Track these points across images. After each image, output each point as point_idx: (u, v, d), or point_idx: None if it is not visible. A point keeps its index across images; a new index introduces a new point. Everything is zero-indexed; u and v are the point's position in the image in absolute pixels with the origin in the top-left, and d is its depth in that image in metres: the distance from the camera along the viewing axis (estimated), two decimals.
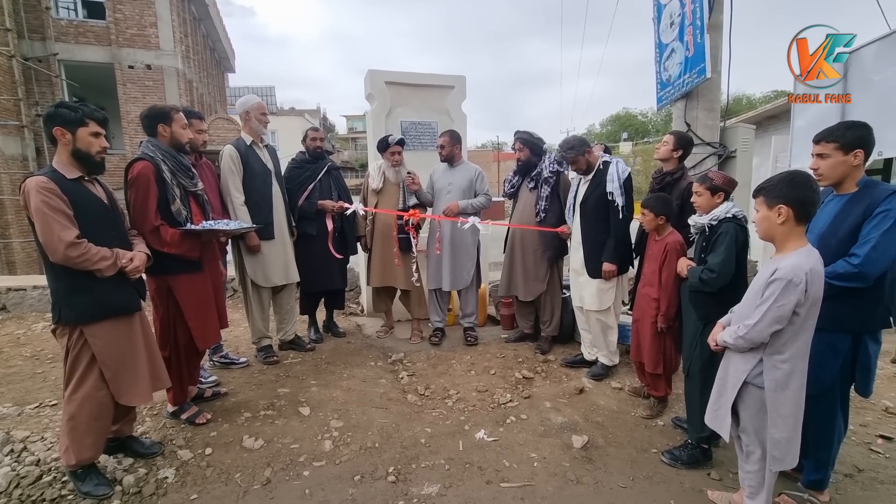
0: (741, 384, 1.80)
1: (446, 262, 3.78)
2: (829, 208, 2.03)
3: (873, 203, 1.87)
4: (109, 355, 2.02)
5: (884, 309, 1.98)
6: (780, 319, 1.66)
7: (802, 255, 1.68)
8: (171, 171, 2.43)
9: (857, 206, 1.91)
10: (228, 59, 21.75)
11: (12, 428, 2.49)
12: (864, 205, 1.89)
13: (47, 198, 1.83)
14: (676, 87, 4.06)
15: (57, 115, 1.90)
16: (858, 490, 2.27)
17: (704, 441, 2.41)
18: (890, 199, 1.85)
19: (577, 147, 3.18)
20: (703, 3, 3.63)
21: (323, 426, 2.65)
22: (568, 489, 2.23)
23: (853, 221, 1.90)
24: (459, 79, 4.84)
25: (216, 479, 2.23)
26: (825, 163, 1.97)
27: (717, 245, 2.26)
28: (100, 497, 2.04)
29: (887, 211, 1.83)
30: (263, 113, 3.26)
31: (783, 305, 1.64)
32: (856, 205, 1.92)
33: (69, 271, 1.92)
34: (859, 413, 3.02)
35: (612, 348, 3.31)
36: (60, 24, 12.60)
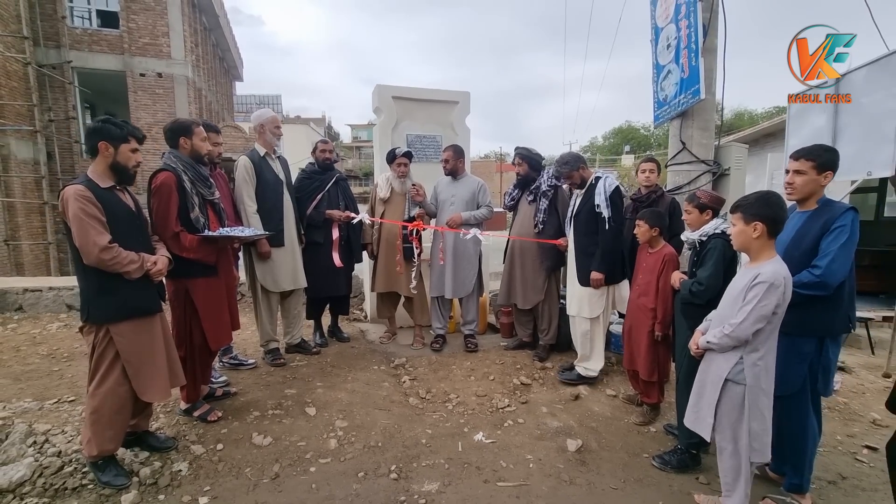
0: (722, 382, 1.94)
1: (449, 271, 3.92)
2: (793, 223, 2.21)
3: (831, 219, 2.06)
4: (133, 353, 2.15)
5: (843, 315, 2.14)
6: (762, 318, 1.84)
7: (778, 262, 1.88)
8: (191, 181, 2.58)
9: (816, 221, 2.10)
10: (237, 68, 22.14)
11: (34, 421, 2.61)
12: (822, 220, 2.08)
13: (84, 205, 1.98)
14: (672, 106, 4.22)
15: (104, 129, 2.07)
16: (840, 496, 2.38)
17: (694, 447, 2.52)
18: (844, 215, 2.04)
19: (571, 163, 3.35)
20: (697, 27, 3.80)
21: (328, 426, 2.77)
22: (562, 489, 2.34)
23: (814, 235, 2.08)
24: (464, 94, 5.02)
25: (227, 472, 2.35)
26: (800, 179, 2.14)
27: (706, 259, 2.40)
28: (118, 487, 2.16)
29: (843, 226, 2.02)
30: (277, 126, 3.43)
31: (766, 305, 1.82)
32: (816, 221, 2.10)
33: (99, 273, 2.06)
34: (847, 424, 3.14)
35: (597, 355, 3.41)
36: (75, 32, 12.92)
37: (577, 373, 3.47)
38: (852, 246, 2.03)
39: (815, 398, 2.21)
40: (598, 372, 3.45)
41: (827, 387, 2.21)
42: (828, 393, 2.25)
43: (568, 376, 3.47)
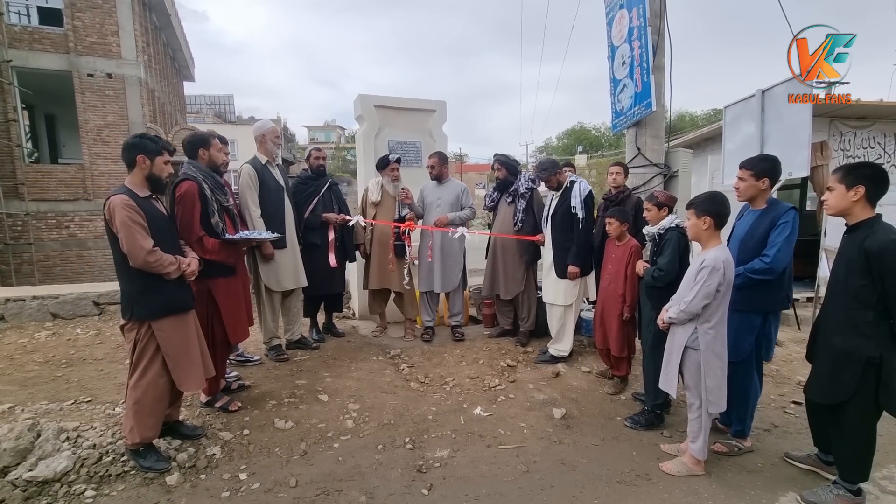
0: (683, 349, 2.40)
1: (437, 268, 4.28)
2: (746, 220, 2.71)
3: (777, 216, 2.56)
4: (172, 346, 2.37)
5: (784, 295, 2.66)
6: (708, 296, 2.30)
7: (720, 249, 2.36)
8: (211, 189, 2.80)
9: (766, 218, 2.60)
10: (188, 68, 21.39)
11: (60, 420, 2.73)
12: (770, 217, 2.58)
13: (130, 213, 2.18)
14: (628, 116, 4.77)
15: (141, 144, 2.28)
16: (773, 439, 2.93)
17: (658, 407, 3.01)
18: (787, 213, 2.55)
19: (549, 168, 3.79)
20: (648, 48, 4.35)
21: (342, 409, 3.05)
22: (552, 448, 2.76)
23: (763, 230, 2.57)
24: (440, 103, 5.39)
25: (258, 453, 2.59)
26: (742, 184, 2.66)
27: (664, 249, 2.88)
28: (160, 470, 2.37)
29: (786, 222, 2.52)
30: (277, 136, 3.66)
31: (710, 285, 2.29)
32: (765, 217, 2.60)
33: (142, 275, 2.27)
34: (778, 385, 3.75)
35: (567, 337, 3.87)
36: (14, 30, 12.20)
37: (549, 354, 3.92)
38: (794, 238, 2.51)
39: (758, 363, 2.73)
40: (568, 352, 3.90)
41: (769, 353, 2.75)
42: (769, 357, 2.79)
43: (542, 358, 3.92)
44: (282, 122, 39.91)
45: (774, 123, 4.69)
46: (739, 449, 2.71)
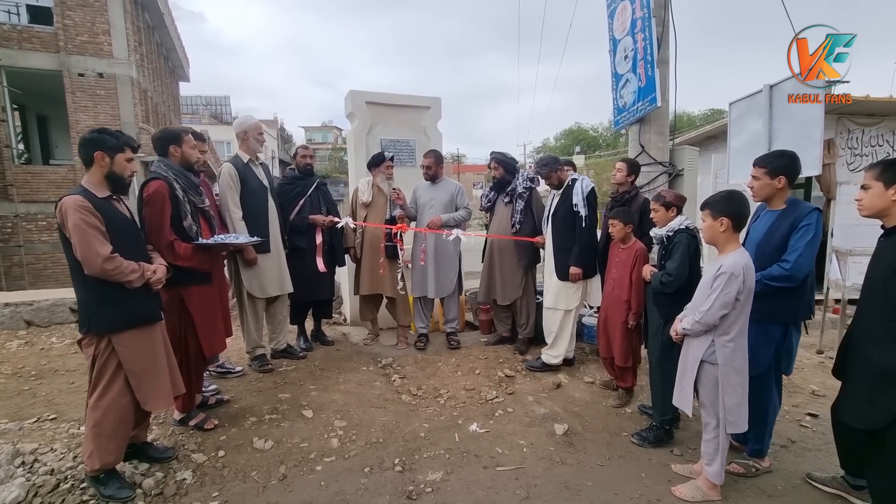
0: (699, 364, 2.19)
1: (431, 272, 4.06)
2: (763, 221, 2.49)
3: (798, 218, 2.33)
4: (135, 362, 2.14)
5: (806, 303, 2.44)
6: (726, 305, 2.08)
7: (738, 254, 2.13)
8: (183, 189, 2.57)
9: (785, 220, 2.37)
10: (183, 68, 21.16)
11: (17, 441, 2.51)
12: (790, 219, 2.35)
13: (84, 215, 1.96)
14: (631, 112, 4.56)
15: (100, 140, 2.06)
16: (792, 457, 2.71)
17: (667, 423, 2.79)
18: (810, 215, 2.32)
19: (550, 164, 3.58)
20: (652, 40, 4.14)
21: (327, 426, 2.83)
22: (555, 469, 2.54)
23: (783, 233, 2.35)
24: (435, 100, 5.17)
25: (233, 477, 2.37)
26: (757, 183, 2.44)
27: (673, 252, 2.66)
28: (123, 499, 2.14)
29: (809, 225, 2.29)
30: (260, 133, 3.44)
31: (728, 293, 2.06)
32: (784, 219, 2.37)
33: (100, 284, 2.04)
34: (791, 395, 3.54)
35: (562, 343, 3.63)
36: (3, 28, 11.98)
37: (541, 360, 3.70)
38: (817, 242, 2.29)
39: (777, 376, 2.51)
40: (562, 360, 3.67)
41: (789, 366, 2.52)
42: (789, 371, 2.55)
43: (534, 364, 3.71)
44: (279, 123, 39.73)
45: (783, 120, 4.48)
46: (757, 469, 2.50)
